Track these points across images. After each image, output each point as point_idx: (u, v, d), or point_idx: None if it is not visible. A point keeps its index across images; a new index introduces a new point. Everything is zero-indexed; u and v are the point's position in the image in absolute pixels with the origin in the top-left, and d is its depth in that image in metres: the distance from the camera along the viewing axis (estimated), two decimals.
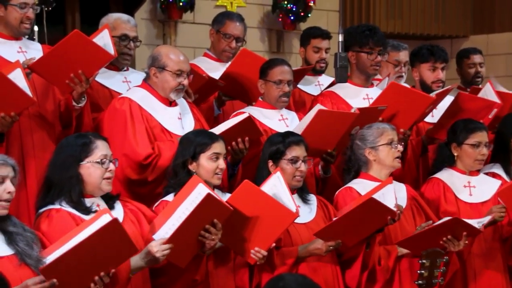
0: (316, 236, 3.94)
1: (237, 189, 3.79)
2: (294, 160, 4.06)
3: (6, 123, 3.86)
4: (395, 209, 3.95)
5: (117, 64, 4.65)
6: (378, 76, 5.26)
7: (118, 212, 3.63)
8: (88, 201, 3.54)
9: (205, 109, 4.89)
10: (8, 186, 3.27)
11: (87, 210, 3.51)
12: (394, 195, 4.02)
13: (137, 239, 3.53)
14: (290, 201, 3.80)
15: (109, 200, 3.63)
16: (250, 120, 4.26)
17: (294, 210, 3.78)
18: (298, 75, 5.04)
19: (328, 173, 4.56)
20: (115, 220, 3.25)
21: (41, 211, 3.52)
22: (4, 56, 4.25)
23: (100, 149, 3.55)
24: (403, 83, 5.30)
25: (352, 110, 4.45)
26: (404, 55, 5.43)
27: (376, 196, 3.89)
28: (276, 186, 3.84)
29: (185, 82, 4.26)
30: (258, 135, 4.36)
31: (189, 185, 3.60)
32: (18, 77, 3.91)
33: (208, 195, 3.48)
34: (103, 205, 3.59)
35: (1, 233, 3.28)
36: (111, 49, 4.12)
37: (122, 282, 3.45)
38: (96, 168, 3.53)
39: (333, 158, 4.49)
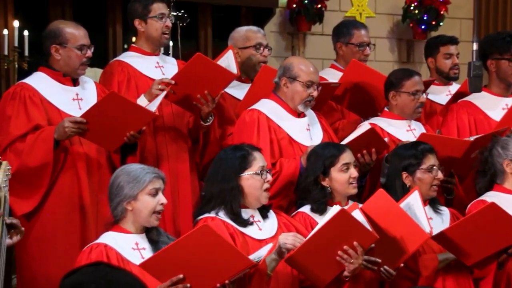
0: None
1: (371, 197, 3.73)
2: (430, 169, 3.98)
3: (134, 139, 4.03)
4: None
5: (251, 76, 4.73)
6: None
7: (272, 223, 3.70)
8: (244, 213, 3.63)
9: None
10: (162, 198, 3.41)
11: (244, 223, 3.60)
12: None
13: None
14: (425, 221, 3.70)
15: (263, 209, 3.70)
16: (373, 132, 4.21)
17: (427, 230, 3.67)
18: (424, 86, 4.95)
19: (451, 195, 4.42)
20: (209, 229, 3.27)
21: (198, 219, 3.65)
22: (143, 71, 4.44)
23: (258, 160, 3.65)
24: None
25: None
26: None
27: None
28: (412, 204, 3.75)
29: (315, 93, 4.27)
30: (384, 147, 4.28)
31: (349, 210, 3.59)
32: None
33: (342, 211, 3.43)
34: (258, 216, 3.67)
35: (148, 243, 3.42)
36: (234, 69, 4.20)
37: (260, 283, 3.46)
38: (256, 179, 3.62)
39: (452, 183, 4.36)
